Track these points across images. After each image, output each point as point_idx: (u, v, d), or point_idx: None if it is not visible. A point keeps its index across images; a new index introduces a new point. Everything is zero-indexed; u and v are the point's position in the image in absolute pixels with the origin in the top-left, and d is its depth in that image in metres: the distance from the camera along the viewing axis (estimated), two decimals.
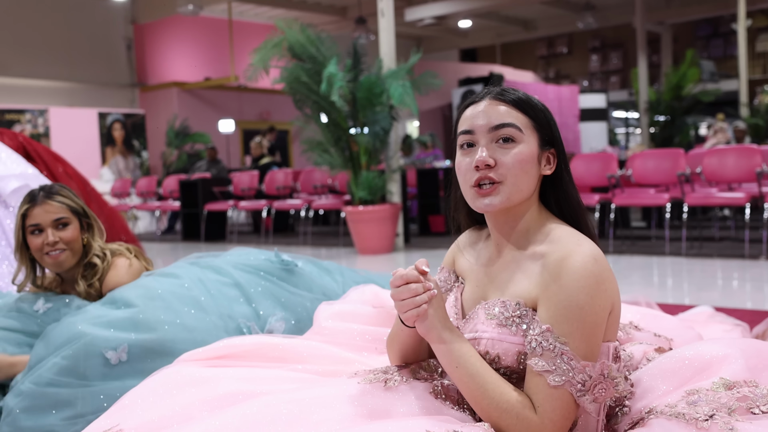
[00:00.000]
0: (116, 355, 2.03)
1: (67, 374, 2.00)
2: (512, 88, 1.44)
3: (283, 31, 7.01)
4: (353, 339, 1.83)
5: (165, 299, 2.15)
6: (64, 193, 2.32)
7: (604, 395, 1.28)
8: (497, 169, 1.36)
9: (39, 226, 2.26)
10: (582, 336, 1.27)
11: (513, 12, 16.72)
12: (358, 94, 6.85)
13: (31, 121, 13.11)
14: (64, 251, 2.27)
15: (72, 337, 2.05)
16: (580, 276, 1.28)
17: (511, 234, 1.43)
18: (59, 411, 1.97)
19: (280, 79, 7.23)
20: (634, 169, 6.69)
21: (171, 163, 13.91)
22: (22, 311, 2.28)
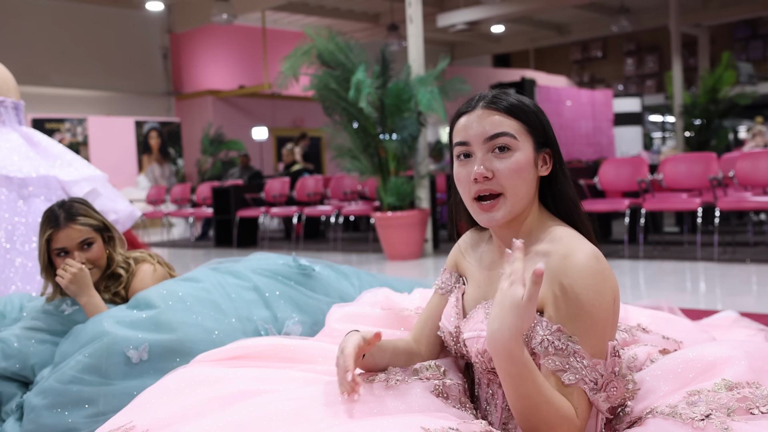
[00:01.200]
0: (138, 354, 2.09)
1: (90, 372, 2.07)
2: (504, 92, 1.45)
3: (312, 39, 7.08)
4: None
5: (186, 301, 2.21)
6: (84, 211, 2.36)
7: (616, 394, 1.29)
8: (496, 180, 1.38)
9: (65, 249, 2.32)
10: (592, 334, 1.29)
11: (546, 16, 16.65)
12: (386, 100, 6.90)
13: (71, 130, 13.41)
14: (92, 269, 2.35)
15: (96, 336, 2.12)
16: (585, 273, 1.30)
17: (512, 236, 1.45)
18: (81, 409, 2.03)
19: (309, 87, 7.31)
20: (665, 173, 6.63)
21: (206, 171, 14.11)
22: (48, 312, 2.36)
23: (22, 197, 3.74)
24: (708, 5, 15.65)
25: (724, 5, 15.46)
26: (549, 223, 1.44)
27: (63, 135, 13.27)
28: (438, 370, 1.49)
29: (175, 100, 15.63)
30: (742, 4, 15.19)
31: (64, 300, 2.39)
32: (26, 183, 3.76)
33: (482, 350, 1.39)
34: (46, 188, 3.83)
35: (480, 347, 1.39)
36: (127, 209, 4.23)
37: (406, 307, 2.04)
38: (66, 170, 3.93)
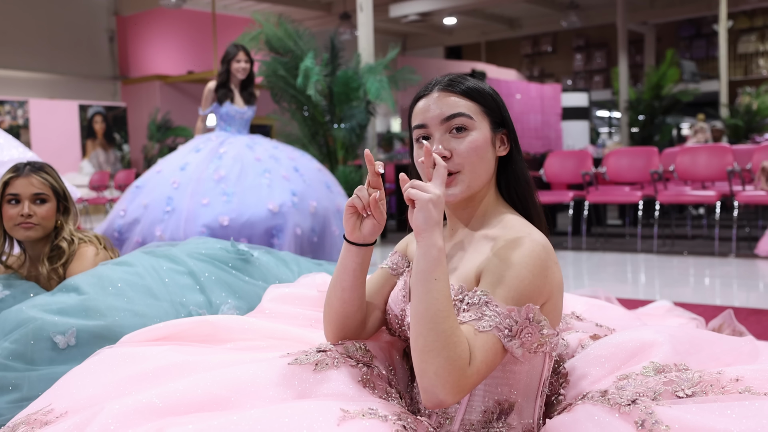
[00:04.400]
0: (65, 339, 2.03)
1: (15, 358, 2.01)
2: (461, 76, 1.46)
3: (260, 24, 6.99)
4: (293, 320, 1.84)
5: (116, 287, 2.16)
6: (49, 171, 2.39)
7: (530, 339, 1.28)
8: (453, 159, 1.39)
9: (17, 197, 2.32)
10: (511, 295, 1.28)
11: (498, 10, 16.77)
12: (334, 88, 6.86)
13: (11, 113, 13.02)
14: (35, 226, 2.34)
15: (21, 322, 2.06)
16: (526, 255, 1.30)
17: (466, 217, 1.46)
18: (5, 394, 1.97)
19: (258, 73, 7.21)
20: (608, 166, 6.74)
21: (152, 157, 13.85)
22: None
23: None
24: (654, 4, 15.96)
25: (670, 4, 15.79)
26: (502, 209, 1.46)
27: (2, 118, 12.88)
28: (367, 354, 1.47)
29: (121, 84, 15.29)
30: (687, 3, 15.53)
31: None
32: None
33: None
34: None
35: None
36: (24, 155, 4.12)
37: None
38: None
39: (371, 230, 1.42)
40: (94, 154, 13.95)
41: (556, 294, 1.35)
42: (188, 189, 4.49)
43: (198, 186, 4.49)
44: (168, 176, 4.65)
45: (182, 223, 4.36)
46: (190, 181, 4.54)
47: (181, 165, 4.69)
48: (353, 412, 1.21)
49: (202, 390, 1.30)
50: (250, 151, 4.81)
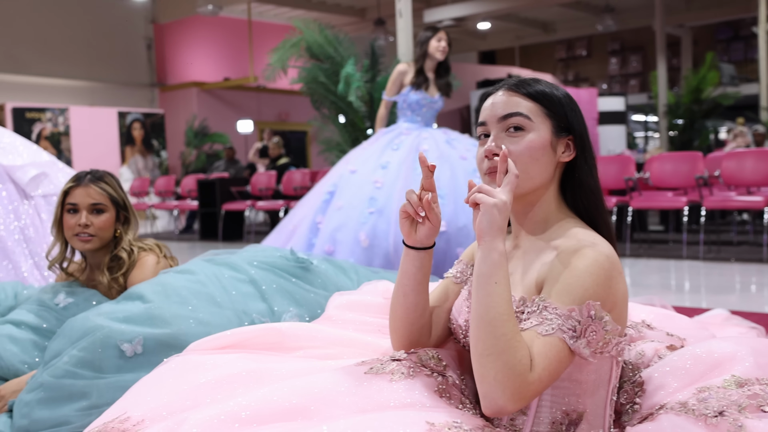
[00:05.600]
0: (131, 347, 2.05)
1: (84, 366, 2.03)
2: (534, 79, 1.45)
3: (301, 31, 7.05)
4: (360, 327, 1.84)
5: (180, 295, 2.17)
6: (109, 180, 2.38)
7: (596, 337, 1.26)
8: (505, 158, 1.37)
9: (76, 206, 2.32)
10: (571, 298, 1.26)
11: (532, 14, 16.69)
12: (375, 94, 6.87)
13: (52, 120, 13.25)
14: (92, 238, 2.32)
15: (88, 330, 2.08)
16: (590, 265, 1.28)
17: (527, 223, 1.44)
18: (75, 402, 1.99)
19: (298, 79, 7.27)
20: (651, 172, 6.66)
21: (190, 163, 14.01)
22: (44, 304, 2.32)
23: None
24: (691, 6, 15.77)
25: (707, 6, 15.58)
26: (566, 218, 1.44)
27: (44, 125, 13.11)
28: (440, 363, 1.47)
29: (158, 91, 15.49)
30: (724, 5, 15.32)
31: (60, 288, 2.36)
32: None
33: None
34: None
35: None
36: None
37: None
38: (9, 155, 3.86)
39: (427, 233, 1.42)
40: (133, 161, 14.13)
41: (620, 304, 1.33)
42: (395, 188, 4.19)
43: (407, 185, 4.17)
44: (367, 175, 4.32)
45: (392, 227, 4.10)
46: (396, 179, 4.24)
47: (381, 163, 4.36)
48: (438, 425, 1.21)
49: (282, 399, 1.31)
50: (451, 148, 4.51)
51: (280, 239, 4.48)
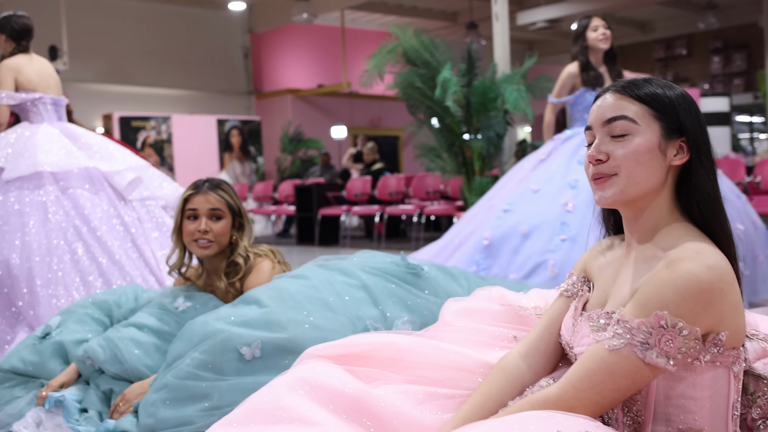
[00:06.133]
0: (250, 351, 2.09)
1: (205, 368, 2.08)
2: (646, 79, 1.39)
3: (397, 37, 7.07)
4: (476, 335, 1.81)
5: (295, 300, 2.21)
6: (226, 188, 2.48)
7: (672, 345, 1.20)
8: (610, 162, 1.34)
9: (195, 212, 2.41)
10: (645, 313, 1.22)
11: (629, 14, 16.25)
12: (472, 99, 6.83)
13: (155, 128, 13.78)
14: (211, 244, 2.41)
15: (209, 334, 2.14)
16: (679, 278, 1.21)
17: (636, 230, 1.39)
18: (197, 403, 2.05)
19: (393, 85, 7.30)
20: (763, 175, 6.36)
21: (285, 169, 14.29)
22: (164, 308, 2.41)
23: (63, 190, 3.80)
24: None
25: None
26: (678, 225, 1.36)
27: (148, 132, 13.64)
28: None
29: (255, 98, 15.89)
30: None
31: (179, 293, 2.43)
32: (68, 176, 3.82)
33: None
34: (88, 179, 3.88)
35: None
36: (176, 192, 4.23)
37: (524, 305, 1.98)
38: (107, 161, 3.98)
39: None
40: (231, 167, 14.51)
41: (729, 318, 1.25)
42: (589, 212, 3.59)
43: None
44: (555, 195, 3.88)
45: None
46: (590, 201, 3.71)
47: (570, 182, 3.91)
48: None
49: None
50: None
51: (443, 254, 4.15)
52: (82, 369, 2.40)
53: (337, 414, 1.45)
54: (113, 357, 2.31)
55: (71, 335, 2.54)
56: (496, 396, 1.46)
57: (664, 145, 1.34)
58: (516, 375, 1.50)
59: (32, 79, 3.99)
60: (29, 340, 2.60)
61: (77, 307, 2.72)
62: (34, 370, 2.51)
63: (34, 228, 3.64)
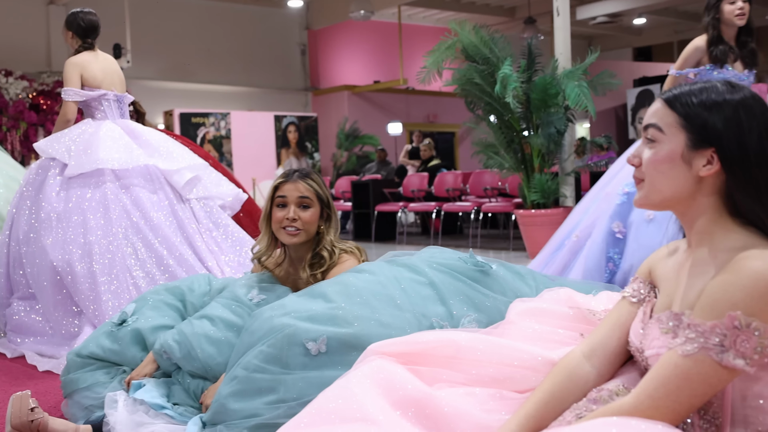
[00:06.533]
0: (316, 346, 2.09)
1: (271, 362, 2.09)
2: (700, 87, 1.36)
3: (456, 33, 7.01)
4: (541, 334, 1.78)
5: (362, 296, 2.20)
6: (315, 179, 2.51)
7: (748, 346, 1.17)
8: (642, 167, 1.39)
9: (284, 200, 2.45)
10: (715, 314, 1.19)
11: (692, 7, 15.82)
12: (532, 95, 6.74)
13: (215, 124, 13.99)
14: (299, 232, 2.44)
15: (275, 328, 2.14)
16: (745, 278, 1.19)
17: (692, 233, 1.39)
18: (264, 396, 2.06)
19: (452, 81, 7.25)
20: None
21: (341, 165, 14.36)
22: (238, 299, 2.44)
23: (124, 187, 3.85)
24: None
25: None
26: (735, 229, 1.33)
27: (207, 129, 13.85)
28: (628, 391, 1.38)
29: (312, 95, 15.99)
30: None
31: (255, 284, 2.45)
32: (128, 173, 3.87)
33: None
34: (147, 177, 3.93)
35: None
36: (233, 192, 4.28)
37: (593, 309, 1.94)
38: (166, 160, 4.01)
39: None
40: (288, 162, 14.64)
41: None
42: None
43: None
44: None
45: None
46: None
47: None
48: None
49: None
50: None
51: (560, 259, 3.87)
52: (161, 362, 2.45)
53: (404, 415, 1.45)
54: (188, 354, 2.35)
55: (147, 322, 2.59)
56: (560, 395, 1.44)
57: (688, 155, 1.33)
58: (579, 375, 1.47)
59: (97, 76, 4.05)
60: (106, 327, 2.66)
61: (151, 294, 2.78)
62: (113, 357, 2.57)
63: (95, 225, 3.70)
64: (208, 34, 14.34)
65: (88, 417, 2.45)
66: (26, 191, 3.91)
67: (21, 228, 3.81)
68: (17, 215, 3.87)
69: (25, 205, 3.86)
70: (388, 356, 1.65)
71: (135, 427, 2.27)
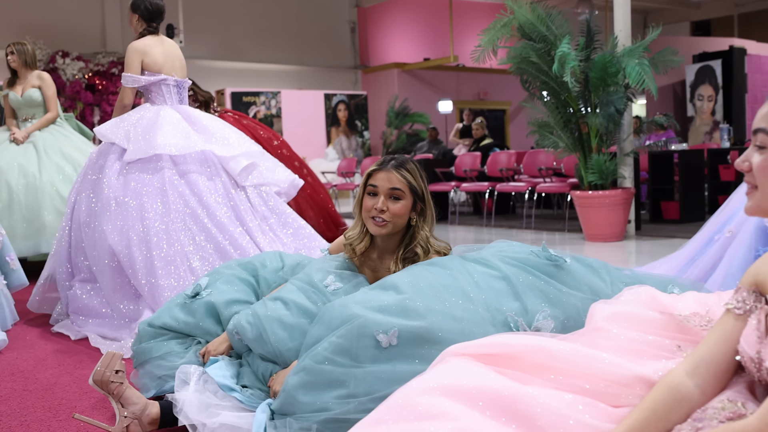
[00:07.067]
0: (387, 338, 2.06)
1: (341, 353, 2.06)
2: None
3: (512, 11, 6.86)
4: (635, 344, 1.70)
5: (434, 288, 2.15)
6: (410, 168, 2.40)
7: None
8: (752, 173, 1.33)
9: (375, 189, 2.38)
10: None
11: None
12: (590, 74, 6.57)
13: (265, 103, 14.03)
14: (386, 224, 2.36)
15: (347, 318, 2.11)
16: None
17: None
18: (333, 389, 2.03)
19: (507, 60, 7.11)
20: None
21: (391, 143, 14.30)
22: (314, 285, 2.40)
23: (181, 173, 3.84)
24: None
25: None
26: None
27: (258, 108, 13.91)
28: (735, 405, 1.32)
29: (361, 73, 15.93)
30: None
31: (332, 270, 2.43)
32: (185, 159, 3.86)
33: None
34: (204, 163, 3.91)
35: None
36: (288, 178, 4.25)
37: (681, 312, 1.85)
38: (223, 146, 3.98)
39: None
40: (338, 141, 14.65)
41: None
42: None
43: None
44: None
45: None
46: None
47: None
48: None
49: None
50: None
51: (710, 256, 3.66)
52: (233, 342, 2.44)
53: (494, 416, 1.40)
54: (259, 337, 2.33)
55: (221, 296, 2.60)
56: (662, 414, 1.37)
57: None
58: (683, 393, 1.39)
59: (158, 61, 4.06)
60: (179, 299, 2.68)
61: (224, 268, 2.78)
62: (187, 329, 2.59)
63: (153, 211, 3.71)
64: (259, 13, 14.35)
65: (160, 387, 2.46)
66: (87, 176, 3.96)
67: (81, 212, 3.85)
68: (78, 200, 3.92)
69: (86, 190, 3.90)
70: (468, 357, 1.60)
71: (203, 408, 2.26)
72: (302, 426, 2.00)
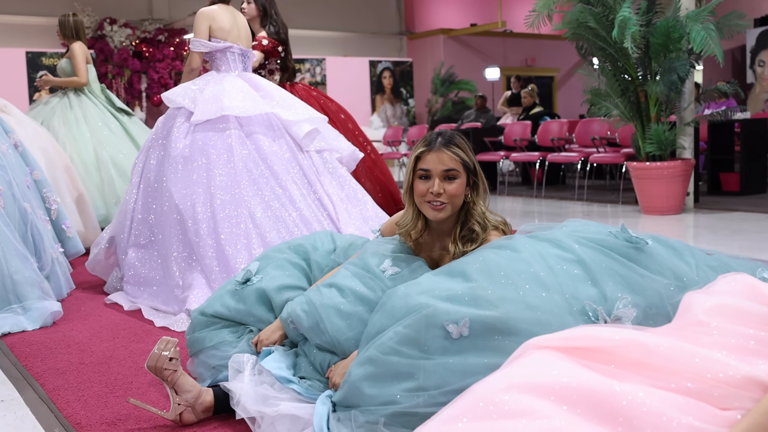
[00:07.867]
0: (458, 329, 1.93)
1: (408, 344, 1.95)
2: None
3: None
4: (741, 341, 1.55)
5: (506, 274, 2.02)
6: (459, 143, 2.26)
7: None
8: None
9: (428, 173, 2.24)
10: None
11: None
12: (652, 39, 6.29)
13: (310, 70, 13.91)
14: (444, 206, 2.24)
15: (412, 308, 1.99)
16: None
17: None
18: (401, 382, 1.92)
19: (562, 25, 6.86)
20: None
21: (436, 111, 14.08)
22: (370, 270, 2.30)
23: (247, 134, 3.95)
24: None
25: None
26: None
27: (303, 75, 13.79)
28: None
29: (407, 39, 15.67)
30: None
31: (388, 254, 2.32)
32: (251, 121, 3.97)
33: None
34: (269, 126, 4.03)
35: None
36: (349, 149, 4.36)
37: None
38: (287, 110, 4.11)
39: None
40: (383, 109, 14.49)
41: None
42: None
43: None
44: None
45: None
46: None
47: None
48: None
49: None
50: None
51: None
52: (288, 331, 2.35)
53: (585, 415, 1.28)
54: (315, 326, 2.24)
55: (273, 282, 2.51)
56: None
57: None
58: None
59: (224, 28, 4.14)
60: (230, 286, 2.60)
61: (274, 252, 2.69)
62: (238, 316, 2.52)
63: (219, 168, 3.82)
64: None
65: (214, 377, 2.41)
66: (155, 139, 4.06)
67: (151, 172, 3.96)
68: (147, 162, 4.02)
69: (154, 152, 4.01)
70: (553, 350, 1.48)
71: (261, 400, 2.19)
72: (368, 419, 1.90)
